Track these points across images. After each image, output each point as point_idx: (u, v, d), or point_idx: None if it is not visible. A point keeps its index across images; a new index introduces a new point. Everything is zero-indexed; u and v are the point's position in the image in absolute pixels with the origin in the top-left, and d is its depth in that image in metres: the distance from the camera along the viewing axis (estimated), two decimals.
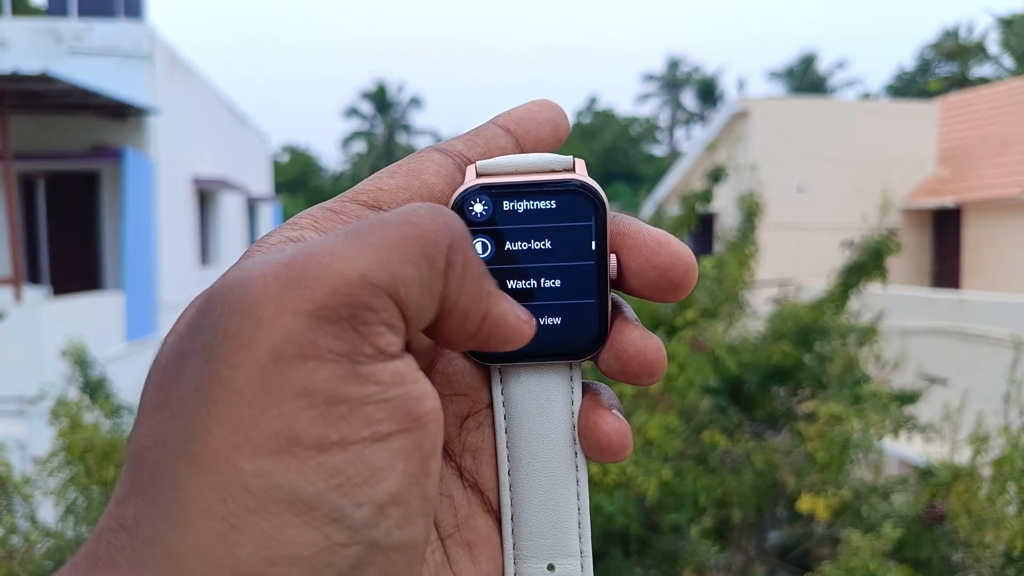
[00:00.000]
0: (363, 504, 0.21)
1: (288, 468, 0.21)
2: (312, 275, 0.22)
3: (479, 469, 0.30)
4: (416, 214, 0.24)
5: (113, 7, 9.35)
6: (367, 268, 0.22)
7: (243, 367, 0.21)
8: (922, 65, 30.15)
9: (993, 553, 2.45)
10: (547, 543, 0.30)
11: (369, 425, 0.22)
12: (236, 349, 0.21)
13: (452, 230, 0.24)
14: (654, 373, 0.29)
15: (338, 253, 0.22)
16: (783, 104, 13.09)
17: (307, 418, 0.21)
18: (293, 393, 0.21)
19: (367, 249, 0.22)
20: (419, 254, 0.23)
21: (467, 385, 0.30)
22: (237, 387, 0.21)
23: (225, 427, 0.21)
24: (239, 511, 0.20)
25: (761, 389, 3.31)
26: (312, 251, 0.22)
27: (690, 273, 0.29)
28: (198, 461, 0.21)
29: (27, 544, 2.37)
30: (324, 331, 0.22)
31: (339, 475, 0.21)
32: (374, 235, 0.23)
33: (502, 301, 0.26)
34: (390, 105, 36.60)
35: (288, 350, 0.21)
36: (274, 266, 0.22)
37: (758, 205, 3.96)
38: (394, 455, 0.22)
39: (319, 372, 0.21)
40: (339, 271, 0.22)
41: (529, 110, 0.32)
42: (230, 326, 0.22)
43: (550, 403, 0.30)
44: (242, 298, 0.22)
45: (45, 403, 2.71)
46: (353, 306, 0.22)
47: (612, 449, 0.29)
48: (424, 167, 0.29)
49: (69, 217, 8.82)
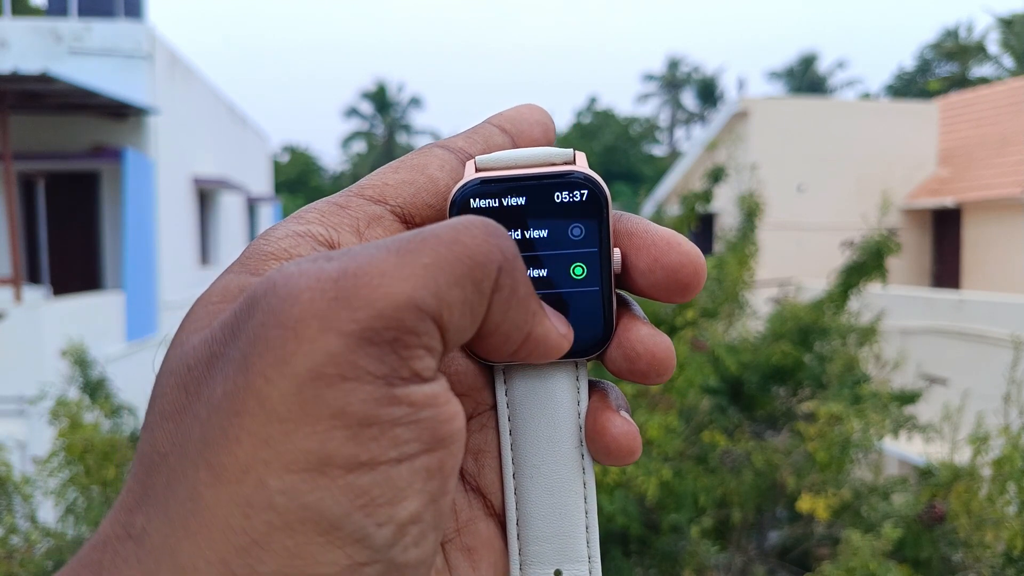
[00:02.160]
0: (385, 524, 0.21)
1: (317, 487, 0.20)
2: (361, 295, 0.21)
3: (481, 472, 0.30)
4: (469, 233, 0.23)
5: (113, 7, 9.35)
6: (416, 292, 0.22)
7: (280, 382, 0.21)
8: (922, 65, 30.14)
9: (993, 553, 2.45)
10: (554, 548, 0.29)
11: (397, 446, 0.21)
12: (275, 363, 0.21)
13: (504, 252, 0.23)
14: (663, 372, 0.29)
15: (388, 273, 0.22)
16: (783, 104, 13.09)
17: (339, 438, 0.21)
18: (329, 413, 0.21)
19: (418, 270, 0.22)
20: (467, 276, 0.23)
21: (469, 386, 0.29)
22: (271, 402, 0.21)
23: (255, 440, 0.20)
24: (263, 527, 0.20)
25: (761, 389, 3.31)
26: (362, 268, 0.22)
27: (699, 273, 0.28)
28: (221, 472, 0.20)
29: (27, 544, 2.37)
30: (366, 353, 0.21)
31: (365, 495, 0.21)
32: (426, 254, 0.22)
33: (545, 320, 0.26)
34: (390, 105, 36.59)
35: (328, 370, 0.21)
36: (323, 280, 0.22)
37: (758, 205, 3.96)
38: (417, 475, 0.22)
39: (356, 394, 0.21)
40: (388, 294, 0.21)
41: (520, 111, 0.32)
42: (271, 337, 0.21)
43: (555, 404, 0.29)
44: (287, 311, 0.21)
45: (45, 403, 2.71)
46: (398, 330, 0.21)
47: (621, 453, 0.29)
48: (428, 162, 0.29)
49: (69, 217, 8.81)
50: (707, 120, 35.24)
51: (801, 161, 11.59)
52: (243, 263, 0.26)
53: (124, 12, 9.44)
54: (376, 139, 36.52)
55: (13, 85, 6.52)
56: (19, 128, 7.58)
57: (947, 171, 12.10)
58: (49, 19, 8.83)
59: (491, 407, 0.30)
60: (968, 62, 22.80)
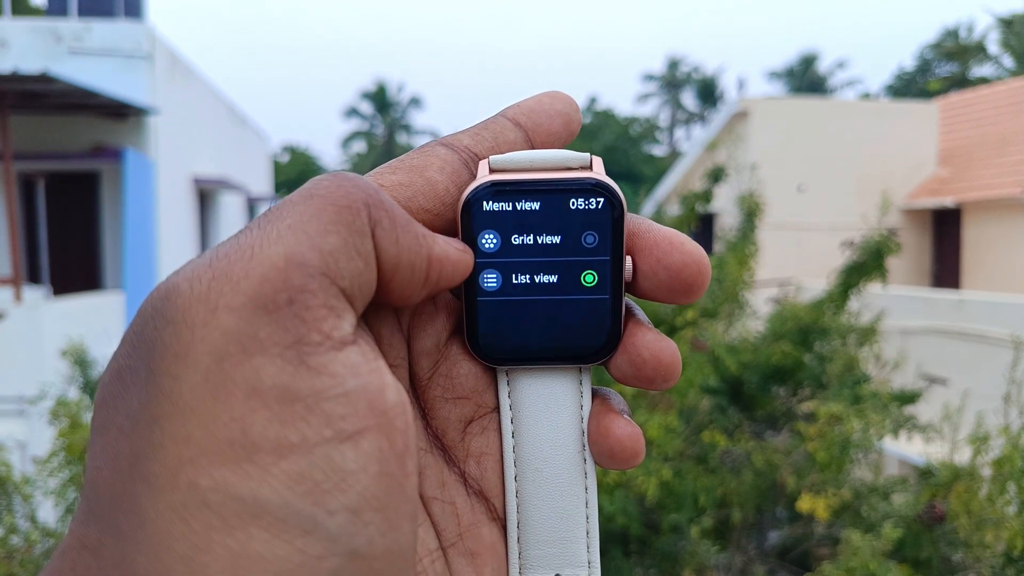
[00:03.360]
0: (336, 512, 0.20)
1: (248, 477, 0.19)
2: (237, 269, 0.21)
3: (484, 475, 0.29)
4: (320, 186, 0.23)
5: (113, 7, 9.35)
6: (290, 249, 0.21)
7: (186, 375, 0.20)
8: (922, 65, 30.13)
9: (993, 553, 2.45)
10: (554, 552, 0.29)
11: (331, 423, 0.20)
12: (175, 359, 0.20)
13: (363, 190, 0.23)
14: (669, 378, 0.28)
15: (256, 243, 0.21)
16: (783, 104, 13.09)
17: (261, 420, 0.20)
18: (242, 394, 0.20)
19: (284, 231, 0.22)
20: (337, 222, 0.22)
21: (471, 388, 0.29)
22: (182, 398, 0.20)
23: (177, 442, 0.19)
24: (202, 530, 0.19)
25: (761, 389, 3.31)
26: (230, 246, 0.22)
27: (703, 274, 0.27)
28: (153, 481, 0.19)
29: (27, 544, 2.37)
30: (264, 322, 0.20)
31: (306, 481, 0.19)
32: (287, 215, 0.22)
33: (437, 239, 0.25)
34: (390, 105, 36.58)
35: (229, 348, 0.20)
36: (197, 269, 0.21)
37: (758, 205, 3.95)
38: (365, 455, 0.20)
39: (266, 368, 0.20)
40: (265, 259, 0.21)
41: (540, 102, 0.30)
42: (164, 337, 0.20)
43: (559, 408, 0.29)
44: (171, 306, 0.21)
45: (45, 403, 2.71)
46: (289, 290, 0.21)
47: (624, 455, 0.28)
48: (428, 163, 0.28)
49: (69, 217, 8.81)
50: (707, 120, 35.23)
51: (801, 161, 11.58)
52: None
53: (124, 12, 9.44)
54: (376, 139, 36.51)
55: (13, 85, 6.52)
56: (19, 128, 7.58)
57: (947, 171, 12.10)
58: (49, 19, 8.82)
59: (493, 410, 0.29)
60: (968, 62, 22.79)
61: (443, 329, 0.29)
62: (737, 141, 7.42)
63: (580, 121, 0.31)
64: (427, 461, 0.28)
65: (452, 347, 0.29)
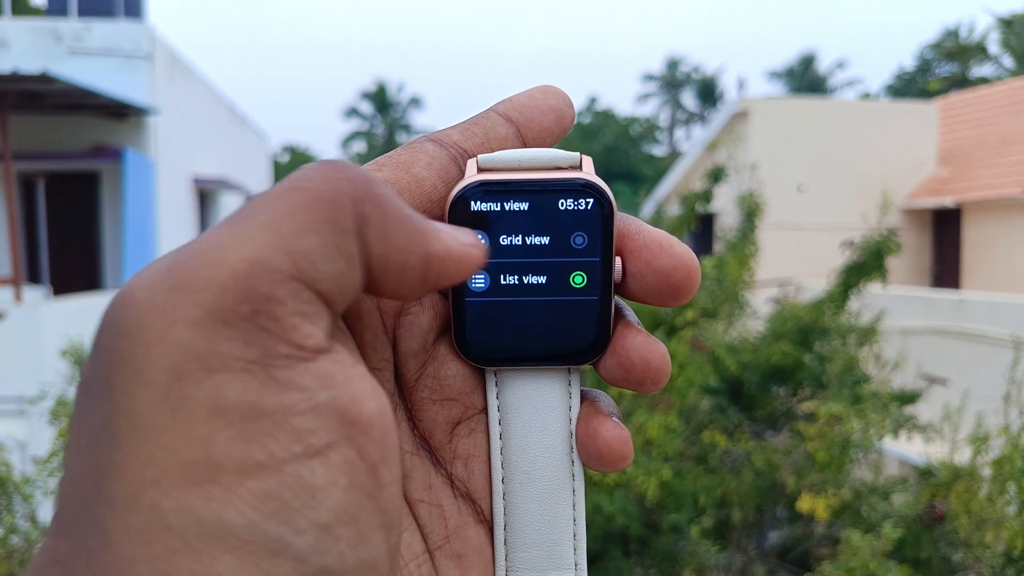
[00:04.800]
0: (306, 530, 0.19)
1: (212, 499, 0.18)
2: (197, 275, 0.19)
3: (471, 477, 0.29)
4: (305, 177, 0.21)
5: (113, 7, 9.35)
6: (257, 253, 0.20)
7: (142, 394, 0.19)
8: (922, 65, 30.14)
9: (993, 553, 2.45)
10: (541, 555, 0.29)
11: (300, 439, 0.19)
12: (131, 376, 0.19)
13: (354, 182, 0.21)
14: (658, 380, 0.28)
15: (223, 245, 0.20)
16: (783, 104, 13.09)
17: (224, 439, 0.19)
18: (204, 413, 0.19)
19: (255, 231, 0.20)
20: (318, 220, 0.20)
21: (459, 390, 0.28)
22: (141, 417, 0.19)
23: (138, 463, 0.19)
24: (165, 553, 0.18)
25: (761, 389, 3.31)
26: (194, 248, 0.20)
27: (692, 278, 0.27)
28: (116, 502, 0.19)
29: (27, 544, 2.37)
30: (224, 337, 0.19)
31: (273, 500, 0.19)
32: (262, 212, 0.20)
33: (439, 234, 0.23)
34: (390, 105, 36.59)
35: (188, 366, 0.19)
36: (156, 274, 0.20)
37: (758, 205, 3.96)
38: (335, 469, 0.20)
39: (229, 385, 0.19)
40: (227, 264, 0.19)
41: (532, 96, 0.30)
42: (120, 349, 0.19)
43: (547, 409, 0.29)
44: (126, 317, 0.19)
45: (45, 403, 2.71)
46: (252, 300, 0.19)
47: (612, 457, 0.28)
48: (415, 159, 0.27)
49: (69, 217, 8.81)
50: (707, 120, 35.24)
51: (801, 161, 11.58)
52: None
53: (124, 12, 9.44)
54: (376, 139, 36.51)
55: (13, 85, 6.52)
56: (19, 128, 7.58)
57: (947, 171, 12.10)
58: (49, 19, 8.82)
59: (481, 411, 0.29)
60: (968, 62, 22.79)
61: (430, 330, 0.28)
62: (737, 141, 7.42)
63: (573, 116, 0.30)
64: (414, 463, 0.28)
65: (439, 348, 0.28)
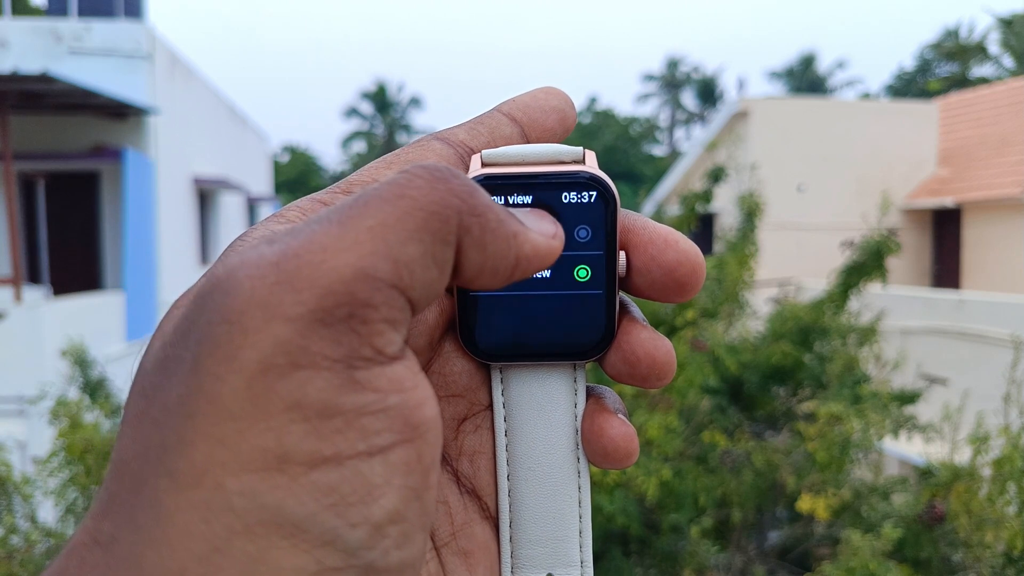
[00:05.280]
0: (359, 524, 0.20)
1: (276, 487, 0.19)
2: (304, 275, 0.20)
3: (477, 474, 0.29)
4: (414, 184, 0.21)
5: (113, 7, 9.35)
6: (363, 261, 0.20)
7: (229, 379, 0.20)
8: (922, 65, 30.14)
9: (993, 553, 2.45)
10: (546, 552, 0.29)
11: (366, 438, 0.20)
12: (222, 360, 0.20)
13: (458, 195, 0.22)
14: (663, 376, 0.28)
15: (330, 246, 0.20)
16: (783, 104, 13.09)
17: (298, 432, 0.20)
18: (283, 406, 0.20)
19: (362, 235, 0.20)
20: (423, 230, 0.21)
21: (465, 386, 0.29)
22: (223, 400, 0.20)
23: (210, 442, 0.19)
24: (223, 532, 0.19)
25: (761, 389, 3.31)
26: (303, 246, 0.20)
27: (698, 273, 0.27)
28: (180, 477, 0.19)
29: (27, 544, 2.37)
30: (319, 336, 0.20)
31: (333, 493, 0.20)
32: (368, 216, 0.21)
33: (529, 234, 0.24)
34: (390, 105, 36.59)
35: (278, 360, 0.20)
36: (263, 266, 0.20)
37: (758, 205, 3.96)
38: (393, 469, 0.20)
39: (313, 382, 0.20)
40: (333, 268, 0.20)
41: (535, 97, 0.30)
42: (217, 334, 0.20)
43: (553, 406, 0.29)
44: (229, 304, 0.20)
45: (45, 403, 2.71)
46: (351, 305, 0.20)
47: (618, 455, 0.28)
48: (423, 157, 0.28)
49: (69, 217, 8.81)
50: (707, 120, 35.23)
51: (801, 161, 11.59)
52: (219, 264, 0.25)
53: (124, 12, 9.44)
54: (376, 139, 36.51)
55: (13, 85, 6.52)
56: (19, 128, 7.58)
57: (947, 171, 12.11)
58: (49, 19, 8.82)
59: (487, 407, 0.29)
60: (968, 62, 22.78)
61: (436, 326, 0.28)
62: (737, 141, 7.42)
63: (575, 117, 0.31)
64: None
65: (445, 344, 0.28)
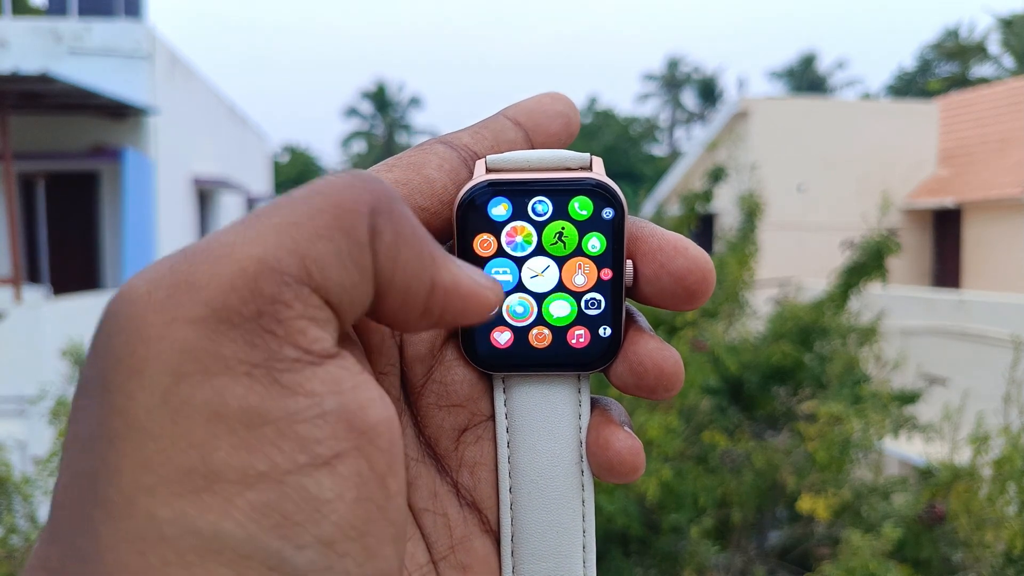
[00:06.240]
0: (307, 545, 0.18)
1: (208, 509, 0.18)
2: (202, 272, 0.19)
3: (477, 486, 0.28)
4: (328, 183, 0.21)
5: (113, 7, 9.35)
6: (267, 253, 0.19)
7: (141, 395, 0.18)
8: (922, 65, 30.14)
9: (993, 553, 2.45)
10: (549, 567, 0.28)
11: (305, 448, 0.18)
12: (129, 375, 0.18)
13: (374, 193, 0.21)
14: (671, 387, 0.27)
15: (233, 242, 0.19)
16: (783, 104, 13.09)
17: (225, 447, 0.18)
18: (203, 418, 0.18)
19: (267, 230, 0.19)
20: (333, 226, 0.20)
21: (466, 396, 0.28)
22: (138, 419, 0.18)
23: (134, 467, 0.18)
24: (158, 564, 0.17)
25: (761, 389, 3.31)
26: (202, 245, 0.19)
27: (708, 280, 0.26)
28: (110, 507, 0.18)
29: (27, 544, 2.37)
30: (228, 338, 0.18)
31: (274, 513, 0.18)
32: (277, 213, 0.20)
33: (450, 265, 0.22)
34: (390, 105, 36.60)
35: (186, 367, 0.18)
36: (160, 270, 0.19)
37: (758, 205, 3.96)
38: (342, 481, 0.19)
39: (230, 389, 0.18)
40: (234, 262, 0.19)
41: (540, 102, 0.30)
42: (118, 347, 0.19)
43: (557, 417, 0.28)
44: (126, 313, 0.19)
45: (45, 403, 2.71)
46: (258, 301, 0.19)
47: (624, 469, 0.27)
48: (426, 160, 0.27)
49: (69, 217, 8.81)
50: (707, 120, 35.23)
51: (801, 161, 11.58)
52: None
53: (124, 12, 9.44)
54: (376, 139, 36.52)
55: (13, 85, 6.52)
56: (19, 128, 7.58)
57: (947, 171, 12.11)
58: (49, 19, 8.82)
59: (488, 418, 0.28)
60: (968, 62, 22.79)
61: (437, 333, 0.27)
62: (737, 141, 7.43)
63: (579, 123, 0.30)
64: (419, 471, 0.27)
65: (446, 352, 0.28)
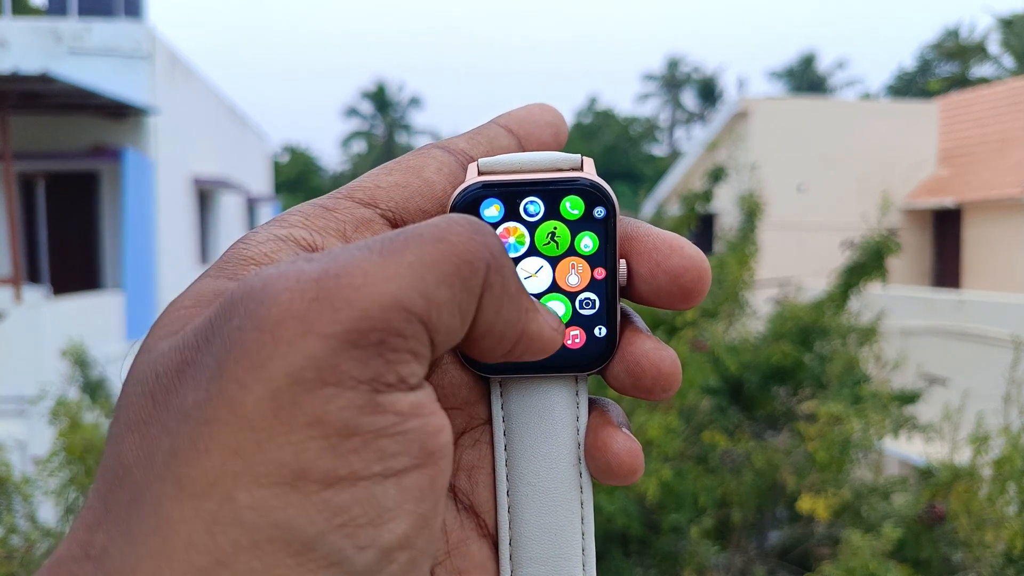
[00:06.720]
0: (367, 547, 0.19)
1: (288, 503, 0.19)
2: (343, 295, 0.20)
3: (475, 490, 0.28)
4: (453, 231, 0.22)
5: (113, 7, 9.35)
6: (402, 292, 0.20)
7: (255, 388, 0.19)
8: (922, 65, 30.14)
9: (993, 553, 2.45)
10: (547, 570, 0.28)
11: (382, 459, 0.20)
12: (250, 368, 0.19)
13: (491, 249, 0.22)
14: (668, 387, 0.27)
15: (372, 273, 0.21)
16: (783, 104, 13.09)
17: (316, 449, 0.19)
18: (305, 421, 0.19)
19: (403, 269, 0.21)
20: (454, 275, 0.21)
21: (463, 399, 0.28)
22: (245, 409, 0.19)
23: (225, 451, 0.19)
24: (228, 546, 0.18)
25: (761, 389, 3.31)
26: (344, 268, 0.21)
27: (703, 278, 0.27)
28: (188, 486, 0.19)
29: (27, 544, 2.37)
30: (349, 356, 0.20)
31: (344, 514, 0.19)
32: (409, 253, 0.21)
33: (538, 316, 0.25)
34: (390, 105, 36.59)
35: (307, 374, 0.19)
36: (302, 281, 0.20)
37: (758, 205, 3.96)
38: (406, 493, 0.20)
39: (336, 400, 0.20)
40: (372, 293, 0.20)
41: (531, 111, 0.31)
42: (247, 341, 0.20)
43: (554, 419, 0.28)
44: (265, 313, 0.20)
45: (45, 403, 2.71)
46: (384, 331, 0.20)
47: (622, 470, 0.27)
48: (425, 164, 0.28)
49: (69, 217, 8.81)
50: (707, 120, 35.23)
51: (801, 161, 11.58)
52: (220, 267, 0.25)
53: (124, 12, 9.44)
54: (376, 139, 36.53)
55: (13, 85, 6.53)
56: (19, 128, 7.58)
57: (947, 171, 12.11)
58: (49, 19, 8.83)
59: (485, 421, 0.28)
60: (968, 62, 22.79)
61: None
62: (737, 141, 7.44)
63: (567, 133, 0.31)
64: None
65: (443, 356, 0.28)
